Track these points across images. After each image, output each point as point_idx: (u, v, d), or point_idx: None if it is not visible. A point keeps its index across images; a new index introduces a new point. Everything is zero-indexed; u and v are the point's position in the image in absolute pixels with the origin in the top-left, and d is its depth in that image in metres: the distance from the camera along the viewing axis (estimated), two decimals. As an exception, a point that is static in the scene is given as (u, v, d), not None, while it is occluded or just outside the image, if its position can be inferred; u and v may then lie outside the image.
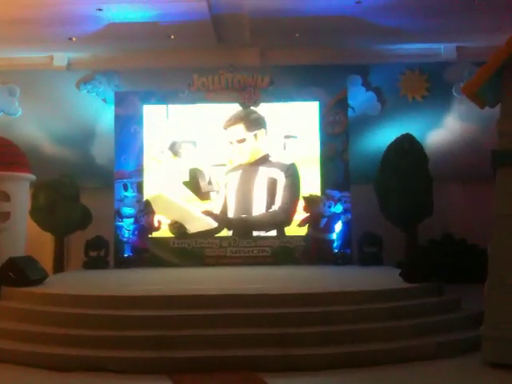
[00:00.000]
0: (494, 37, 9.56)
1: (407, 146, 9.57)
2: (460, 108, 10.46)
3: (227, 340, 5.48)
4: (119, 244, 9.97)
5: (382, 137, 10.11)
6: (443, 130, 10.55)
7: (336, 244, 9.87)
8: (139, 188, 10.09)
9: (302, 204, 9.90)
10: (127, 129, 10.22)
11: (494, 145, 5.60)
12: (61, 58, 10.91)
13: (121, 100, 10.31)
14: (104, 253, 9.90)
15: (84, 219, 9.87)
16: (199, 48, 10.48)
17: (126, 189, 10.08)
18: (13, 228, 8.85)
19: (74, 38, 10.00)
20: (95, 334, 5.65)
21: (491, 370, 5.09)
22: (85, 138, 10.65)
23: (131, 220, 10.01)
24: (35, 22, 9.17)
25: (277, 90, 10.11)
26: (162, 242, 9.95)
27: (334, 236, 9.87)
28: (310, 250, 9.86)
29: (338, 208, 9.89)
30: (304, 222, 9.91)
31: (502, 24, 9.27)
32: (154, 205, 9.96)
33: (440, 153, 10.21)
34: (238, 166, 10.06)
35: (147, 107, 10.28)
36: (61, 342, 5.59)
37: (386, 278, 7.42)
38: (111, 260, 9.96)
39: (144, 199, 10.05)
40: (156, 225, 9.98)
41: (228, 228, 9.98)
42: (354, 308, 5.92)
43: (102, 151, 10.58)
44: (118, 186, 10.08)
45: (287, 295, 6.13)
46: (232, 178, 10.05)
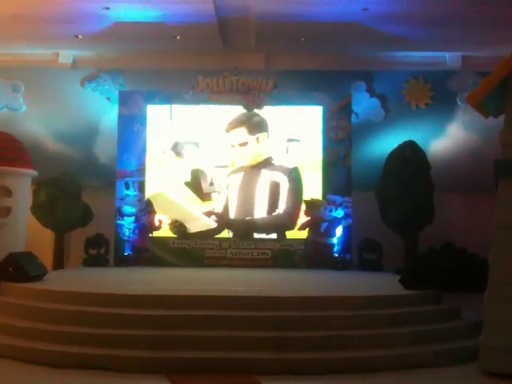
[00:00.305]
0: (499, 47, 9.58)
1: (409, 154, 9.59)
2: (464, 117, 10.49)
3: (225, 342, 5.48)
4: (119, 242, 9.98)
5: (385, 143, 10.14)
6: (446, 139, 10.59)
7: (336, 249, 9.88)
8: (141, 187, 10.10)
9: (303, 208, 9.92)
10: (130, 128, 10.24)
11: (496, 155, 5.61)
12: (66, 56, 10.94)
13: (125, 99, 10.33)
14: (104, 251, 9.92)
15: (85, 217, 9.88)
16: (204, 50, 10.51)
17: (127, 187, 10.09)
18: (13, 224, 8.84)
19: (80, 36, 10.03)
20: (93, 331, 5.64)
21: (489, 380, 5.08)
22: (88, 135, 10.68)
23: (132, 219, 10.02)
24: (42, 19, 9.20)
25: (281, 93, 10.14)
26: (162, 242, 9.96)
27: (335, 241, 9.88)
28: (309, 253, 9.86)
29: (339, 213, 9.89)
30: (304, 226, 9.92)
31: (508, 35, 9.31)
32: (155, 203, 9.95)
33: (442, 161, 10.24)
34: (240, 168, 10.07)
35: (151, 107, 10.29)
36: (59, 339, 5.58)
37: (386, 284, 7.42)
38: (111, 258, 9.97)
39: (145, 198, 10.06)
40: (157, 224, 9.99)
41: (230, 229, 9.99)
42: (352, 313, 5.91)
43: (104, 149, 10.61)
44: (120, 185, 10.09)
45: (286, 298, 6.13)
46: (234, 179, 10.05)
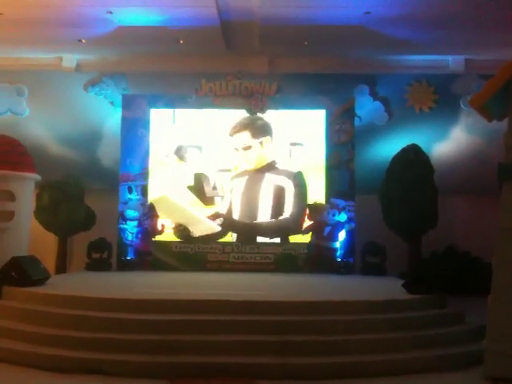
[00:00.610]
0: (502, 50, 9.60)
1: (412, 157, 9.55)
2: (467, 120, 10.46)
3: (227, 346, 5.47)
4: (122, 246, 9.97)
5: (388, 147, 10.10)
6: (450, 142, 10.55)
7: (339, 253, 9.85)
8: (144, 191, 10.10)
9: (307, 212, 9.89)
10: (134, 132, 10.24)
11: (500, 158, 5.59)
12: (70, 60, 10.97)
13: (128, 103, 10.34)
14: (107, 255, 9.91)
15: (88, 220, 9.88)
16: (208, 54, 10.52)
17: (130, 191, 10.09)
18: (17, 228, 8.83)
19: (84, 40, 10.06)
20: (95, 336, 5.64)
21: (493, 385, 5.07)
22: (91, 139, 10.70)
23: (135, 223, 10.01)
24: (45, 22, 9.23)
25: (284, 97, 10.13)
26: (165, 246, 9.95)
27: (338, 244, 9.85)
28: (312, 257, 9.84)
29: (342, 217, 9.86)
30: (307, 230, 9.90)
31: (511, 38, 9.28)
32: (158, 207, 9.96)
33: (446, 165, 10.20)
34: (244, 172, 10.06)
35: (154, 111, 10.30)
36: (61, 344, 5.58)
37: (389, 288, 7.39)
38: (114, 262, 9.96)
39: (148, 202, 10.05)
40: (159, 228, 9.99)
41: (234, 231, 9.96)
42: (355, 318, 5.90)
43: (107, 153, 10.63)
44: (123, 189, 10.09)
45: (289, 303, 6.11)
46: (238, 183, 10.04)
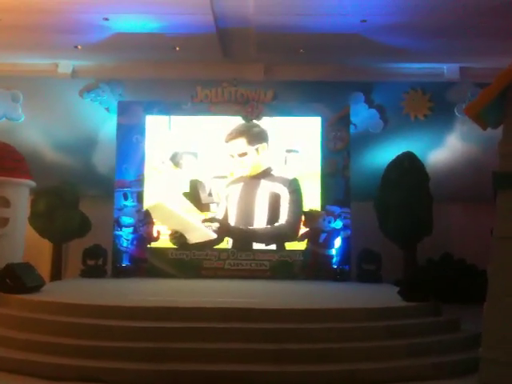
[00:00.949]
0: (497, 59, 9.64)
1: (408, 164, 9.59)
2: (462, 128, 10.51)
3: (223, 354, 5.44)
4: (117, 253, 9.93)
5: (384, 154, 10.14)
6: (445, 150, 10.60)
7: (335, 260, 9.85)
8: (139, 198, 10.08)
9: (302, 219, 9.90)
10: (129, 138, 10.24)
11: (495, 166, 5.60)
12: (65, 66, 10.97)
13: (124, 109, 10.34)
14: (102, 262, 9.87)
15: (83, 227, 9.85)
16: (204, 61, 10.54)
17: (125, 198, 10.07)
18: (11, 234, 8.83)
19: (80, 47, 10.05)
20: (91, 343, 5.60)
21: (488, 393, 5.06)
22: (86, 145, 10.69)
23: (130, 229, 9.99)
24: (41, 29, 9.24)
25: (280, 104, 10.16)
26: (161, 253, 9.92)
27: (333, 251, 9.86)
28: (308, 264, 9.83)
29: (338, 224, 9.87)
30: (303, 237, 9.90)
31: (506, 46, 9.34)
32: (153, 214, 9.94)
33: (441, 172, 10.24)
34: (240, 179, 10.06)
35: (150, 117, 10.30)
36: (56, 351, 5.54)
37: (385, 295, 7.40)
38: (109, 269, 9.92)
39: (144, 209, 10.03)
40: (155, 235, 9.97)
41: (230, 237, 9.95)
42: (351, 325, 5.89)
43: (103, 160, 10.61)
44: (118, 195, 10.07)
45: (285, 310, 6.10)
46: (233, 190, 10.04)
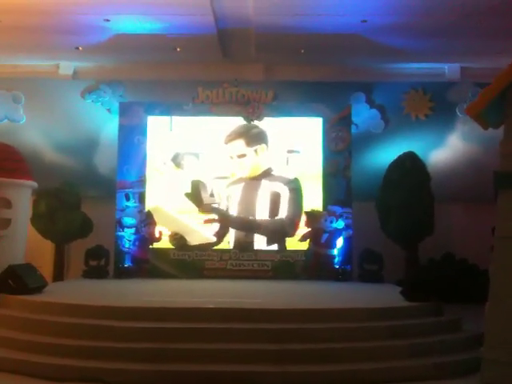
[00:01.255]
0: (498, 58, 9.61)
1: (409, 165, 9.59)
2: (463, 128, 10.51)
3: (225, 354, 5.45)
4: (119, 254, 9.94)
5: (385, 154, 10.14)
6: (446, 150, 10.59)
7: (337, 260, 9.85)
8: (141, 198, 10.09)
9: (304, 219, 9.90)
10: (131, 139, 10.24)
11: (496, 166, 5.60)
12: (67, 67, 10.98)
13: (125, 110, 10.35)
14: (104, 262, 9.88)
15: (84, 228, 9.86)
16: (204, 62, 10.56)
17: (127, 199, 10.08)
18: (13, 235, 8.82)
19: (81, 48, 10.07)
20: (93, 344, 5.61)
21: (490, 393, 5.06)
22: (88, 147, 10.70)
23: (132, 230, 10.00)
24: (42, 30, 9.26)
25: (281, 105, 10.16)
26: (163, 254, 9.93)
27: (335, 251, 9.86)
28: (310, 265, 9.83)
29: (340, 224, 9.88)
30: (305, 237, 9.90)
31: (506, 46, 9.34)
32: (155, 216, 9.97)
33: (442, 172, 10.24)
34: (240, 179, 10.06)
35: (151, 118, 10.31)
36: (58, 352, 5.55)
37: (386, 295, 7.41)
38: (111, 270, 9.93)
39: (145, 210, 10.05)
40: (157, 236, 9.98)
41: (231, 227, 9.92)
42: (353, 326, 5.90)
43: (104, 160, 10.63)
44: (120, 196, 10.08)
45: (287, 310, 6.11)
46: (234, 190, 10.04)
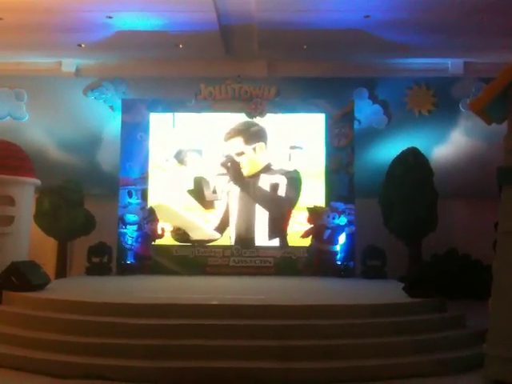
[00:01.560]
0: (501, 54, 9.61)
1: (412, 160, 9.56)
2: (466, 123, 10.47)
3: (229, 351, 5.45)
4: (122, 251, 9.96)
5: (388, 150, 10.10)
6: (449, 145, 10.55)
7: (339, 256, 9.84)
8: (143, 195, 10.10)
9: (306, 215, 9.88)
10: (133, 136, 10.25)
11: (499, 161, 5.59)
12: (69, 64, 10.98)
13: (128, 107, 10.35)
14: (107, 259, 9.89)
15: (87, 225, 9.87)
16: (207, 58, 10.54)
17: (130, 196, 10.09)
18: (16, 232, 8.82)
19: (83, 45, 10.06)
20: (96, 341, 5.63)
21: (493, 388, 5.06)
22: (91, 144, 10.70)
23: (135, 227, 10.01)
24: (45, 27, 9.25)
25: (283, 101, 10.14)
26: (165, 250, 9.94)
27: (338, 248, 9.85)
28: (313, 261, 9.83)
29: (342, 220, 9.86)
30: (307, 234, 9.89)
31: (510, 41, 9.30)
32: (158, 213, 9.98)
33: (445, 168, 10.21)
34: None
35: (154, 115, 10.31)
36: (61, 349, 5.57)
37: (389, 291, 7.39)
38: (114, 266, 9.95)
39: (148, 207, 10.05)
40: (159, 232, 9.99)
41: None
42: (356, 322, 5.89)
43: (107, 158, 10.63)
44: (123, 193, 10.08)
45: (290, 307, 6.11)
46: (234, 187, 10.04)
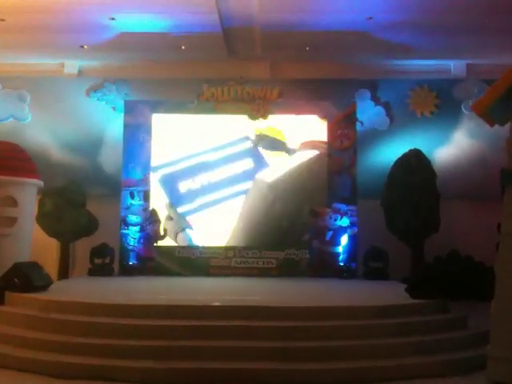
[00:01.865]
0: (503, 55, 9.60)
1: (415, 162, 9.55)
2: (469, 125, 10.46)
3: (231, 352, 5.45)
4: (124, 252, 9.97)
5: (390, 152, 10.11)
6: (452, 147, 10.55)
7: (342, 257, 9.84)
8: (146, 196, 10.11)
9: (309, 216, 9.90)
10: (136, 137, 10.26)
11: (502, 163, 5.58)
12: (72, 66, 11.00)
13: (130, 109, 10.36)
14: (109, 260, 9.91)
15: (90, 226, 9.88)
16: (210, 60, 10.54)
17: (132, 197, 10.10)
18: (19, 233, 8.86)
19: (86, 46, 10.08)
20: (98, 342, 5.63)
21: (496, 390, 5.05)
22: (93, 145, 10.71)
23: (137, 228, 10.02)
24: (47, 29, 9.28)
25: (286, 102, 10.14)
26: (168, 251, 9.95)
27: (340, 249, 9.85)
28: (315, 262, 9.83)
29: (345, 221, 9.87)
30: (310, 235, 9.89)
31: (513, 43, 9.31)
32: None
33: (448, 169, 10.21)
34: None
35: (156, 116, 10.33)
36: (64, 350, 5.57)
37: (392, 293, 7.38)
38: (116, 268, 9.96)
39: (150, 208, 10.07)
40: (162, 233, 10.00)
41: None
42: (358, 323, 5.89)
43: (109, 159, 10.64)
44: (125, 194, 10.10)
45: (292, 308, 6.10)
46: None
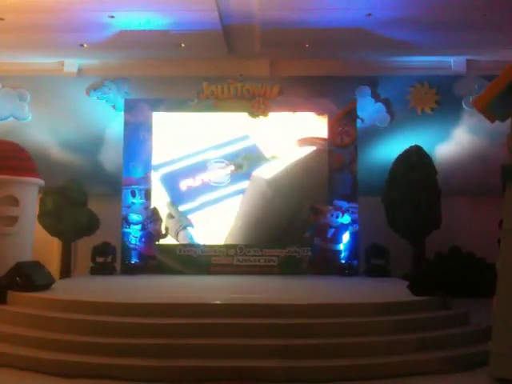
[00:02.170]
0: (504, 51, 9.58)
1: (415, 159, 9.55)
2: (469, 121, 10.44)
3: (232, 350, 5.46)
4: (126, 250, 9.99)
5: (391, 149, 10.11)
6: (452, 143, 10.54)
7: (343, 255, 9.85)
8: (147, 195, 10.12)
9: (310, 214, 9.89)
10: (136, 136, 10.27)
11: (503, 159, 5.58)
12: (71, 64, 10.99)
13: (130, 107, 10.36)
14: (111, 259, 9.92)
15: (91, 225, 9.89)
16: (209, 58, 10.54)
17: (133, 195, 10.11)
18: (20, 233, 8.85)
19: (86, 45, 10.08)
20: (101, 340, 5.63)
21: (498, 386, 5.05)
22: (94, 144, 10.71)
23: (138, 227, 10.04)
24: (47, 28, 9.27)
25: (286, 100, 10.12)
26: (169, 250, 9.97)
27: (341, 247, 9.86)
28: (316, 260, 9.85)
29: (346, 219, 9.87)
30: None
31: (513, 38, 9.29)
32: None
33: (448, 166, 10.21)
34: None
35: (156, 114, 10.33)
36: (67, 349, 5.58)
37: (393, 290, 7.39)
38: (118, 266, 9.98)
39: (151, 206, 10.07)
40: (163, 232, 10.01)
41: None
42: (360, 320, 5.89)
43: (110, 157, 10.64)
44: (126, 193, 10.12)
45: (293, 306, 6.11)
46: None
